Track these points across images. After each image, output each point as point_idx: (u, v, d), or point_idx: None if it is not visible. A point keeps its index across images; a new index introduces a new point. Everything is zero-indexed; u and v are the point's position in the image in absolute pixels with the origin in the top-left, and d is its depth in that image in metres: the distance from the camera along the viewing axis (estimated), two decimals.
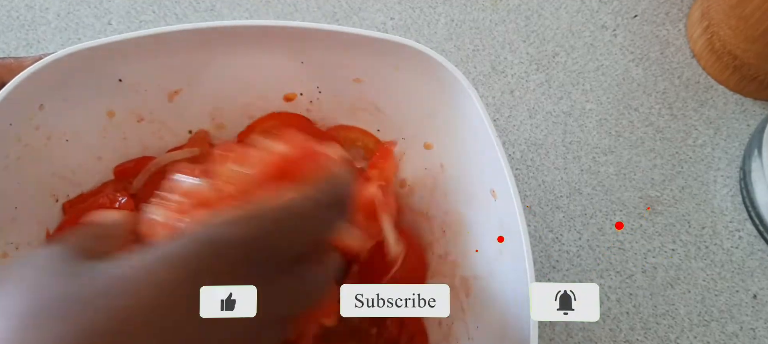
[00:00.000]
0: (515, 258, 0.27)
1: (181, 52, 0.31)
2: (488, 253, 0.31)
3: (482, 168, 0.31)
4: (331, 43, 0.31)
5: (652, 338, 0.38)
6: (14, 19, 0.46)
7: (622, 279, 0.39)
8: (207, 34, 0.30)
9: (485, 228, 0.31)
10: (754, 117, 0.44)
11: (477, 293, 0.31)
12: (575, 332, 0.38)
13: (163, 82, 0.33)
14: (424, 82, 0.32)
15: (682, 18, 0.47)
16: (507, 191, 0.27)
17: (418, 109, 0.34)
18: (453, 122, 0.32)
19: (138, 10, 0.47)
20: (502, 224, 0.29)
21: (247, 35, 0.31)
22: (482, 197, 0.31)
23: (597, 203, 0.41)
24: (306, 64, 0.33)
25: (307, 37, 0.31)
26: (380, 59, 0.31)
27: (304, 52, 0.32)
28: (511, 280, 0.28)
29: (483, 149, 0.29)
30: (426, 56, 0.29)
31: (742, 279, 0.39)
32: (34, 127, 0.30)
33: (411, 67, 0.31)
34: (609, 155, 0.43)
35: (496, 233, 0.30)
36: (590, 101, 0.44)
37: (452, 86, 0.30)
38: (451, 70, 0.29)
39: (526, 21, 0.47)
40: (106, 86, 0.31)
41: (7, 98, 0.27)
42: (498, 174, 0.28)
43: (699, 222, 0.41)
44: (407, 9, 0.47)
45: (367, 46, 0.30)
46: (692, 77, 0.45)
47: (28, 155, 0.30)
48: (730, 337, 0.38)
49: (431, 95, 0.32)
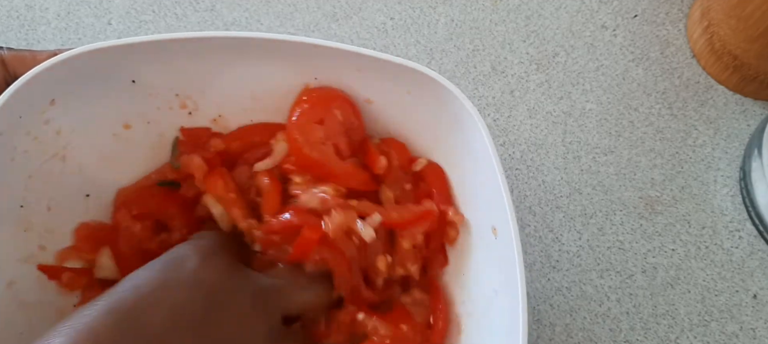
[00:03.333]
0: (511, 299, 0.26)
1: (195, 58, 0.31)
2: (484, 291, 0.30)
3: (485, 202, 0.30)
4: (346, 62, 0.31)
5: (652, 338, 0.38)
6: (14, 19, 0.46)
7: (622, 279, 0.39)
8: (222, 42, 0.30)
9: (483, 265, 0.31)
10: (754, 117, 0.44)
11: (468, 332, 0.31)
12: (575, 332, 0.38)
13: (176, 86, 0.33)
14: (434, 109, 0.31)
15: (682, 18, 0.47)
16: (507, 229, 0.27)
17: (426, 134, 0.34)
18: (460, 151, 0.32)
19: (138, 10, 0.47)
20: (501, 263, 0.28)
21: (261, 47, 0.31)
22: (482, 232, 0.30)
23: (597, 203, 0.41)
24: (319, 81, 0.33)
25: (322, 55, 0.31)
26: (393, 82, 0.31)
27: (318, 70, 0.32)
28: (506, 322, 0.27)
29: (486, 182, 0.29)
30: (439, 84, 0.29)
31: (742, 279, 0.39)
32: (44, 121, 0.30)
33: (423, 93, 0.31)
34: (609, 155, 0.43)
35: (494, 271, 0.29)
36: (590, 101, 0.44)
37: (462, 116, 0.29)
38: (462, 100, 0.29)
39: (526, 21, 0.47)
40: (119, 85, 0.31)
41: (19, 91, 0.27)
42: (500, 212, 0.27)
43: (699, 222, 0.41)
44: (407, 9, 0.47)
45: (380, 68, 0.30)
46: (692, 77, 0.45)
47: (35, 149, 0.30)
48: (730, 337, 0.38)
49: (440, 122, 0.32)
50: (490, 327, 0.29)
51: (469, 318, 0.31)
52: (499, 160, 0.28)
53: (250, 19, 0.47)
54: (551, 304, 0.39)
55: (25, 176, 0.30)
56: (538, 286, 0.39)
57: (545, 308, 0.39)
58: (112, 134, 0.33)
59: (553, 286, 0.39)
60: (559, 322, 0.38)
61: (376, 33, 0.46)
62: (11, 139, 0.29)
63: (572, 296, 0.39)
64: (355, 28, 0.47)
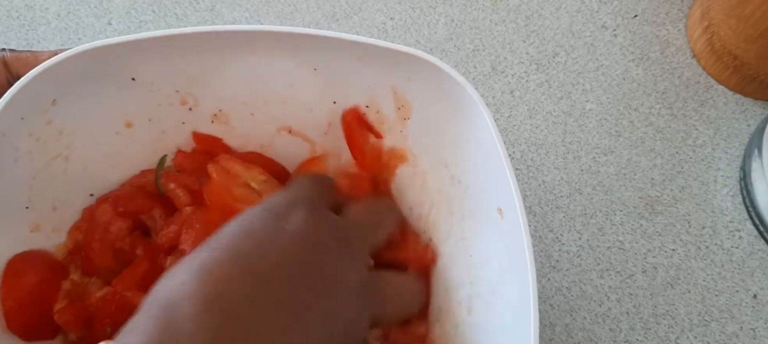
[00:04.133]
0: (519, 278, 0.27)
1: (194, 53, 0.31)
2: (491, 271, 0.30)
3: (490, 184, 0.30)
4: (344, 52, 0.31)
5: (652, 338, 0.38)
6: (14, 19, 0.46)
7: (622, 279, 0.39)
8: (221, 37, 0.30)
9: (490, 246, 0.31)
10: (754, 117, 0.44)
11: (478, 311, 0.31)
12: (575, 332, 0.38)
13: (176, 83, 0.33)
14: (436, 95, 0.31)
15: (682, 18, 0.47)
16: (514, 209, 0.27)
17: (429, 121, 0.34)
18: (462, 135, 0.32)
19: (138, 10, 0.47)
20: (508, 243, 0.29)
21: (259, 41, 0.31)
22: (489, 213, 0.30)
23: (597, 203, 0.41)
24: (319, 71, 0.33)
25: (321, 46, 0.31)
26: (393, 70, 0.31)
27: (317, 61, 0.32)
28: (514, 301, 0.28)
29: (490, 165, 0.29)
30: (440, 70, 0.29)
31: (742, 279, 0.39)
32: (46, 121, 0.30)
33: (423, 79, 0.31)
34: (609, 155, 0.43)
35: (501, 251, 0.29)
36: (590, 101, 0.44)
37: (464, 100, 0.29)
38: (464, 85, 0.29)
39: (526, 21, 0.47)
40: (120, 83, 0.31)
41: (20, 92, 0.27)
42: (506, 191, 0.27)
43: (699, 222, 0.41)
44: (407, 9, 0.47)
45: (379, 56, 0.30)
46: (692, 77, 0.45)
47: (38, 149, 0.30)
48: (730, 337, 0.38)
49: (443, 108, 0.32)
50: (499, 307, 0.29)
51: (478, 299, 0.31)
52: (501, 139, 0.28)
53: (250, 19, 0.47)
54: (551, 304, 0.39)
55: (29, 177, 0.30)
56: (538, 286, 0.39)
57: (545, 308, 0.39)
58: (115, 132, 0.33)
59: (553, 286, 0.39)
60: (559, 322, 0.38)
61: (376, 33, 0.46)
62: (14, 140, 0.29)
63: (572, 296, 0.39)
64: (355, 28, 0.47)
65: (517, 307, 0.27)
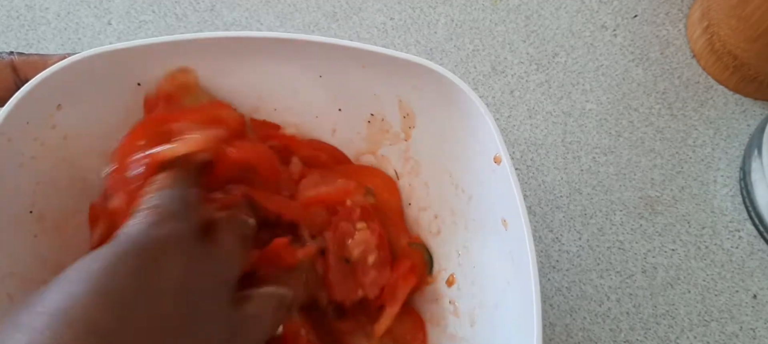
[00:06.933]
0: (523, 291, 0.26)
1: (198, 59, 0.31)
2: (496, 283, 0.30)
3: (494, 195, 0.30)
4: (350, 59, 0.31)
5: (652, 338, 0.38)
6: (14, 19, 0.46)
7: (622, 279, 0.39)
8: (226, 43, 0.30)
9: (494, 257, 0.31)
10: (754, 117, 0.44)
11: (481, 324, 0.31)
12: (575, 332, 0.38)
13: None
14: (441, 104, 0.31)
15: (682, 18, 0.47)
16: (518, 221, 0.27)
17: (434, 131, 0.34)
18: (467, 145, 0.32)
19: (138, 10, 0.47)
20: (512, 254, 0.29)
21: (265, 46, 0.31)
22: (493, 225, 0.30)
23: (597, 203, 0.41)
24: (324, 78, 0.33)
25: (326, 53, 0.31)
26: (399, 78, 0.31)
27: (322, 68, 0.32)
28: (517, 313, 0.27)
29: (494, 175, 0.29)
30: (445, 79, 0.29)
31: (742, 279, 0.39)
32: (51, 126, 0.30)
33: (429, 88, 0.31)
34: (609, 155, 0.43)
35: (505, 262, 0.29)
36: (590, 101, 0.44)
37: (468, 109, 0.29)
38: (469, 93, 0.29)
39: (526, 21, 0.47)
40: (125, 88, 0.31)
41: (26, 97, 0.27)
42: (510, 203, 0.27)
43: (699, 222, 0.41)
44: (407, 9, 0.47)
45: (385, 64, 0.30)
46: (692, 77, 0.45)
47: (43, 154, 0.30)
48: (730, 337, 0.38)
49: (448, 118, 0.32)
50: (502, 319, 0.29)
51: (482, 310, 0.31)
52: (507, 151, 0.28)
53: (250, 19, 0.47)
54: (551, 304, 0.39)
55: (33, 181, 0.30)
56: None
57: (545, 308, 0.39)
58: (120, 137, 0.33)
59: (553, 286, 0.39)
60: (559, 322, 0.38)
61: (376, 33, 0.46)
62: (19, 145, 0.29)
63: (572, 296, 0.39)
64: (355, 28, 0.47)
65: (520, 321, 0.27)
